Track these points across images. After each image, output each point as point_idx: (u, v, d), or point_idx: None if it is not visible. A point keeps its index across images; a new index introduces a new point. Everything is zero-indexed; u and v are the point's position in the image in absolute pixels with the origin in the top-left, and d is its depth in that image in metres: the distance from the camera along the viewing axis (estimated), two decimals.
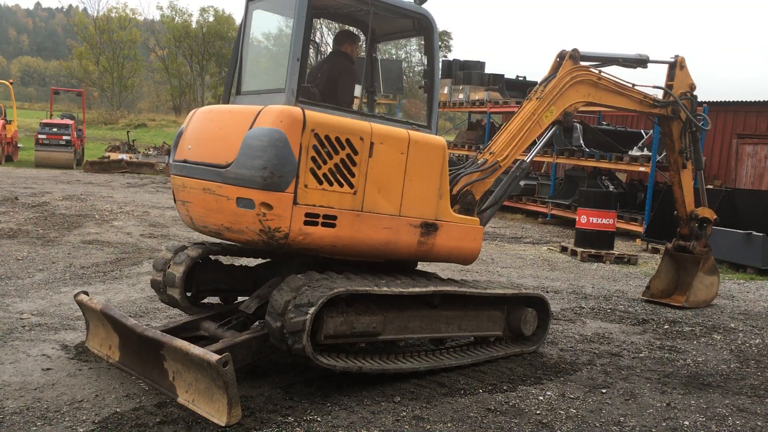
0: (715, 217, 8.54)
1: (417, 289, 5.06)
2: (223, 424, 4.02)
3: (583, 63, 6.92)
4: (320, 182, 4.68)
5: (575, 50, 6.84)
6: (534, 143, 6.84)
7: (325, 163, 4.69)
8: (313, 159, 4.63)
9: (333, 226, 4.76)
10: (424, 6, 5.46)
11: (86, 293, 5.30)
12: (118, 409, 4.27)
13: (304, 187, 4.61)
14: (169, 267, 5.49)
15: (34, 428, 3.96)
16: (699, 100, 8.01)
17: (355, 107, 5.55)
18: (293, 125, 4.55)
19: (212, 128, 5.09)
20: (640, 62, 7.43)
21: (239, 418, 4.08)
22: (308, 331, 4.41)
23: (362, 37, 5.85)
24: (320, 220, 4.70)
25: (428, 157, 5.24)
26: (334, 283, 4.69)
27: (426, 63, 5.78)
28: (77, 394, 4.49)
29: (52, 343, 5.48)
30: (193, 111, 5.58)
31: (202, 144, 5.11)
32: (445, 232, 5.44)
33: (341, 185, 4.79)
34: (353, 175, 4.83)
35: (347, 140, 4.78)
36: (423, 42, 5.88)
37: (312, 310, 4.41)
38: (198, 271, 5.59)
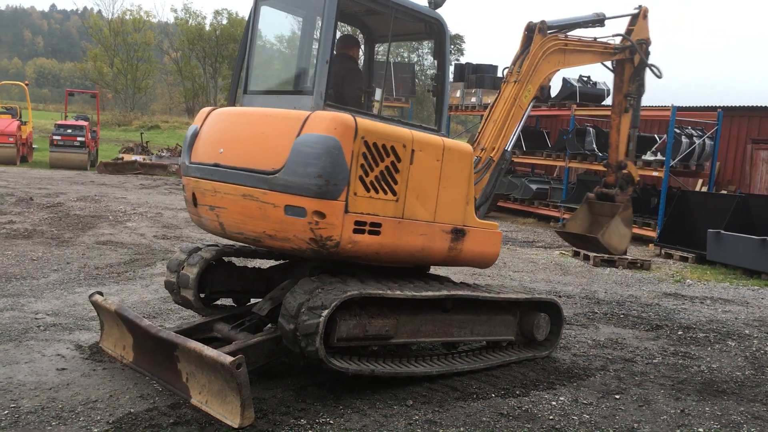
0: (638, 179, 8.48)
1: (430, 293, 5.06)
2: (237, 426, 4.03)
3: (549, 32, 6.85)
4: (367, 190, 4.67)
5: (543, 22, 6.72)
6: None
7: (372, 170, 4.69)
8: (362, 166, 4.62)
9: (378, 233, 4.77)
10: (437, 11, 5.47)
11: (101, 294, 5.33)
12: (132, 410, 4.29)
13: (354, 195, 4.59)
14: (183, 268, 5.53)
15: (49, 428, 3.99)
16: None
17: (375, 111, 5.54)
18: (347, 132, 4.52)
19: (249, 132, 4.94)
20: (599, 21, 7.46)
21: (252, 420, 4.09)
22: (321, 333, 4.41)
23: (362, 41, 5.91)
24: (367, 227, 4.71)
25: (459, 164, 5.32)
26: (347, 286, 4.69)
27: (437, 67, 5.79)
28: (92, 394, 4.52)
29: (66, 343, 5.52)
30: (206, 111, 5.47)
31: (239, 148, 4.93)
32: (471, 237, 5.50)
33: (385, 192, 4.80)
34: (396, 183, 4.85)
35: (392, 147, 4.80)
36: (433, 46, 5.88)
37: (325, 312, 4.42)
38: (211, 273, 5.62)
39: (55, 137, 23.87)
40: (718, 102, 17.23)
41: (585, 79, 19.27)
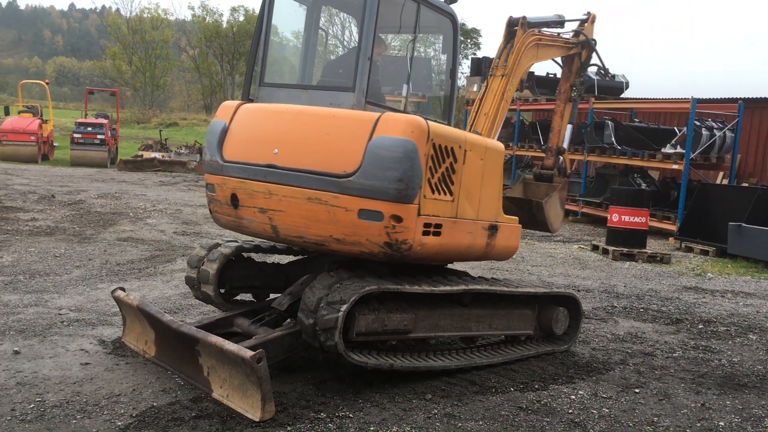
0: (570, 170, 8.54)
1: (448, 288, 5.07)
2: (257, 419, 4.08)
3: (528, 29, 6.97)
4: (432, 192, 4.71)
5: (524, 18, 6.81)
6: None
7: (435, 172, 4.72)
8: (430, 169, 4.64)
9: (439, 234, 4.81)
10: (451, 6, 5.50)
11: (123, 289, 5.40)
12: (154, 403, 4.35)
13: (423, 197, 4.61)
14: (203, 264, 5.58)
15: (74, 421, 4.06)
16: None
17: (401, 107, 5.55)
18: (422, 135, 4.53)
19: (310, 132, 4.76)
20: (561, 22, 7.64)
21: (273, 413, 4.14)
22: (340, 328, 4.44)
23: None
24: (432, 229, 4.74)
25: (496, 162, 5.42)
26: (365, 281, 4.71)
27: (447, 61, 5.80)
28: (115, 388, 4.59)
29: (90, 338, 5.60)
30: (232, 106, 5.27)
31: (300, 149, 4.75)
32: (501, 232, 5.59)
33: (444, 193, 4.84)
34: (452, 183, 4.90)
35: (451, 149, 4.85)
36: (443, 40, 5.88)
37: (344, 307, 4.44)
38: (231, 269, 5.67)
39: (76, 135, 24.15)
40: (739, 93, 17.02)
41: (603, 72, 19.12)
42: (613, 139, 16.66)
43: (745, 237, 11.95)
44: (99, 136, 24.18)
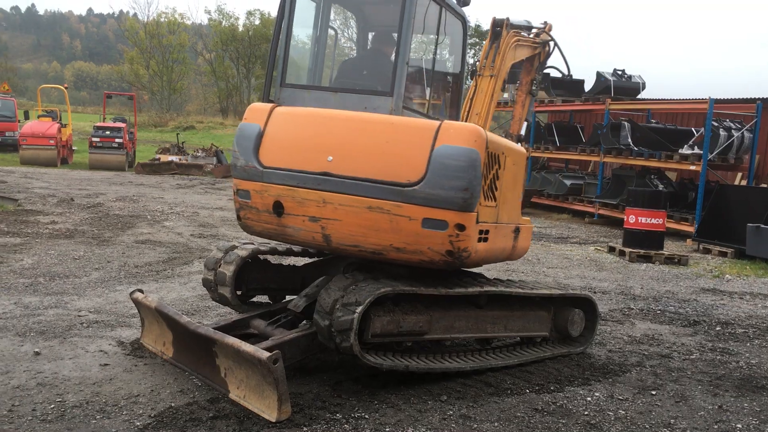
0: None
1: (463, 290, 5.08)
2: (273, 420, 4.12)
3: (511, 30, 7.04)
4: (484, 198, 4.80)
5: (508, 19, 6.87)
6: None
7: (487, 179, 4.80)
8: (483, 176, 4.71)
9: (486, 240, 4.87)
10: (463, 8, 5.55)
11: (141, 291, 5.47)
12: (172, 404, 4.40)
13: (479, 204, 4.68)
14: (220, 266, 5.63)
15: (94, 421, 4.12)
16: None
17: (425, 110, 5.55)
18: (483, 144, 4.59)
19: (368, 140, 4.68)
20: (530, 27, 7.71)
21: (289, 414, 4.17)
22: (356, 329, 4.47)
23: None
24: (482, 235, 4.81)
25: (522, 166, 5.55)
26: (380, 283, 4.74)
27: (455, 63, 5.82)
28: (134, 388, 4.64)
29: (109, 339, 5.67)
30: (265, 109, 5.07)
31: (358, 157, 4.66)
32: (521, 234, 5.69)
33: (490, 200, 4.92)
34: (497, 189, 4.98)
35: (497, 156, 4.95)
36: (451, 41, 5.90)
37: (359, 309, 4.47)
38: (247, 271, 5.72)
39: (94, 139, 24.41)
40: (757, 93, 16.86)
41: (620, 72, 19.06)
42: (629, 140, 16.57)
43: (763, 238, 11.84)
44: (117, 140, 24.42)
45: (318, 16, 5.65)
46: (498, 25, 6.79)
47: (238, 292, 5.68)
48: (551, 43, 7.52)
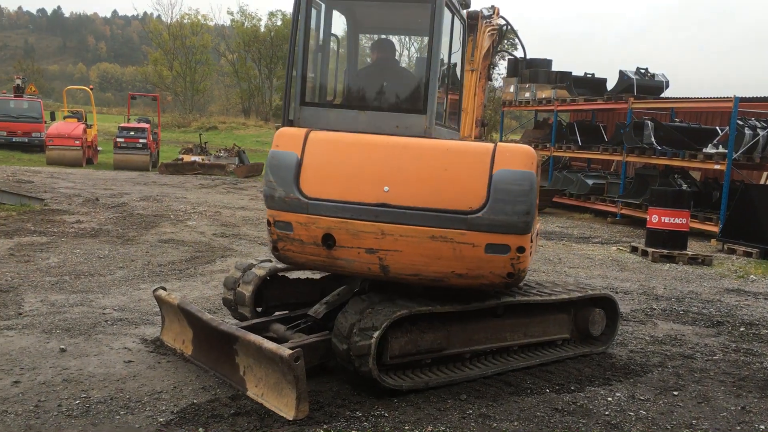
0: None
1: (479, 304, 5.07)
2: (291, 419, 4.15)
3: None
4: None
5: (482, 10, 6.64)
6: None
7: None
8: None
9: (530, 254, 4.85)
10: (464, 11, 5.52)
11: (164, 289, 5.54)
12: (195, 401, 4.46)
13: None
14: (238, 286, 5.69)
15: (118, 417, 4.19)
16: None
17: (443, 121, 5.50)
18: (536, 165, 4.64)
19: (423, 168, 4.58)
20: (490, 16, 7.60)
21: (306, 413, 4.20)
22: (373, 354, 4.49)
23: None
24: (532, 250, 4.85)
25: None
26: (396, 304, 4.73)
27: (459, 65, 5.77)
28: (157, 385, 4.71)
29: (132, 337, 5.76)
30: (298, 135, 4.79)
31: (417, 186, 4.57)
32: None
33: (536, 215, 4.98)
34: (536, 202, 5.03)
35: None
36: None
37: (376, 334, 4.49)
38: (266, 288, 5.77)
39: (119, 140, 24.68)
40: None
41: (643, 70, 18.89)
42: (653, 139, 16.41)
43: None
44: (141, 141, 24.67)
45: (324, 24, 5.54)
46: (473, 18, 6.54)
47: (258, 310, 5.74)
48: (504, 27, 7.21)
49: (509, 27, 7.37)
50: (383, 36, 6.01)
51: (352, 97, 5.44)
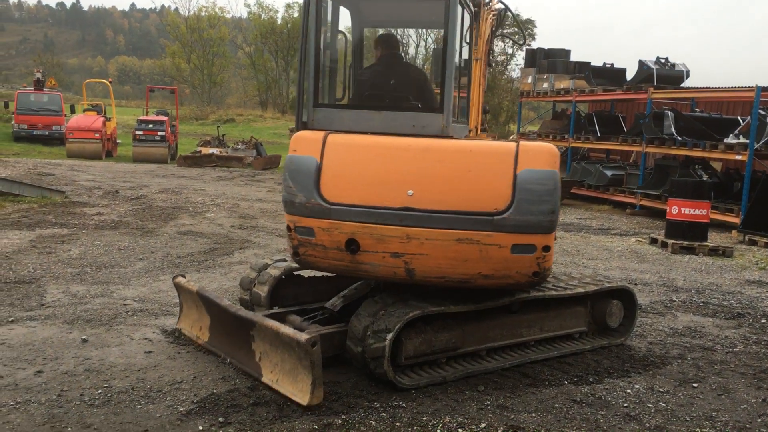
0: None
1: (492, 302, 5.06)
2: (305, 404, 4.15)
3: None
4: None
5: None
6: None
7: None
8: None
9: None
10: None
11: (183, 276, 5.60)
12: (214, 391, 4.50)
13: None
14: (254, 286, 5.72)
15: (139, 406, 4.24)
16: None
17: (455, 116, 5.46)
18: (558, 162, 4.66)
19: (446, 170, 4.55)
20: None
21: (321, 399, 4.20)
22: (388, 356, 4.50)
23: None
24: (552, 249, 4.85)
25: None
26: (409, 305, 4.72)
27: (467, 53, 5.69)
28: (177, 375, 4.76)
29: (153, 327, 5.82)
30: (316, 139, 4.70)
31: (440, 189, 4.54)
32: None
33: None
34: None
35: None
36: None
37: (390, 335, 4.50)
38: (282, 288, 5.80)
39: (138, 132, 24.86)
40: None
41: (663, 60, 18.69)
42: (672, 129, 16.24)
43: None
44: (160, 133, 24.83)
45: (332, 21, 5.46)
46: (477, 5, 6.37)
47: (275, 309, 5.77)
48: (502, 12, 7.01)
49: (508, 11, 7.23)
50: (387, 30, 5.94)
51: (366, 97, 5.36)
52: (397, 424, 4.15)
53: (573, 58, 22.16)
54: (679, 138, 15.91)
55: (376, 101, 5.24)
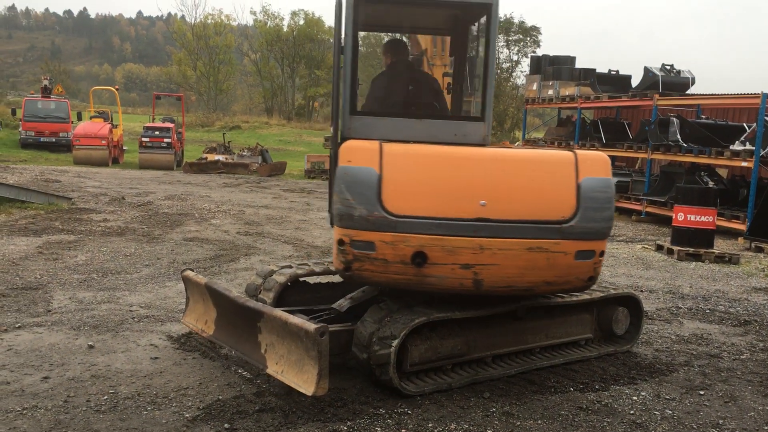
0: None
1: (498, 309, 5.06)
2: (310, 394, 4.10)
3: None
4: None
5: None
6: None
7: None
8: None
9: None
10: None
11: (192, 270, 5.60)
12: (220, 397, 4.51)
13: None
14: (260, 293, 5.73)
15: (145, 412, 4.25)
16: None
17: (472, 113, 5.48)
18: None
19: (514, 179, 4.61)
20: None
21: (326, 390, 4.15)
22: (393, 363, 4.51)
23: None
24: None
25: None
26: (414, 312, 4.73)
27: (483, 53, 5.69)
28: (183, 381, 4.77)
29: (159, 333, 5.83)
30: (372, 149, 4.55)
31: (511, 199, 4.59)
32: None
33: None
34: None
35: None
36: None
37: (395, 342, 4.50)
38: (288, 295, 5.78)
39: (144, 139, 24.97)
40: None
41: (668, 67, 18.68)
42: (678, 136, 16.23)
43: None
44: (166, 140, 24.94)
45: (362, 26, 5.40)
46: None
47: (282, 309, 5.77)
48: None
49: None
50: (393, 36, 5.93)
51: (404, 105, 5.34)
52: (403, 430, 4.15)
53: (578, 64, 22.17)
54: (685, 145, 15.90)
55: (418, 110, 5.23)
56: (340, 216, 4.51)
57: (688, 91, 18.55)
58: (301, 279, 5.94)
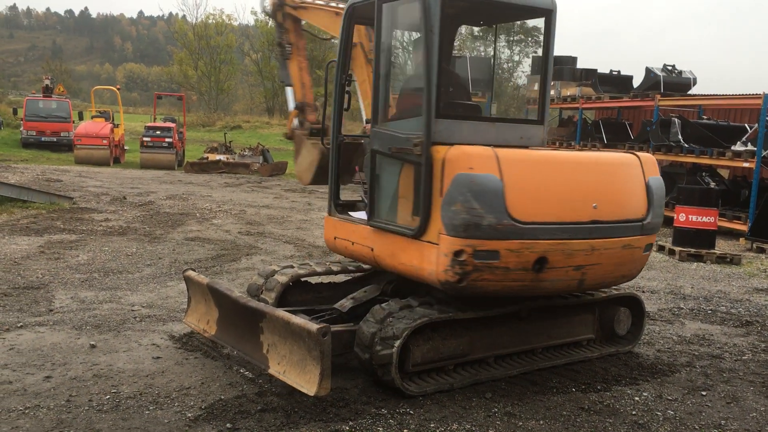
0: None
1: (500, 310, 5.06)
2: (312, 394, 4.11)
3: None
4: None
5: None
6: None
7: None
8: None
9: None
10: None
11: (193, 269, 5.61)
12: (222, 397, 4.51)
13: None
14: (261, 293, 5.74)
15: (147, 412, 4.25)
16: None
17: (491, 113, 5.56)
18: None
19: (613, 182, 4.99)
20: None
21: (328, 391, 4.16)
22: (395, 363, 4.51)
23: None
24: None
25: None
26: (416, 312, 4.73)
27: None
28: (185, 381, 4.77)
29: (160, 333, 5.83)
30: (489, 156, 4.43)
31: (613, 200, 4.93)
32: None
33: None
34: None
35: None
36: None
37: (397, 343, 4.50)
38: (290, 295, 5.79)
39: (145, 139, 24.95)
40: None
41: (670, 67, 18.68)
42: (679, 136, 16.21)
43: None
44: (167, 140, 24.92)
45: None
46: None
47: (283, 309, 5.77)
48: None
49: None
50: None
51: (473, 108, 5.51)
52: (405, 430, 4.15)
53: (579, 65, 22.15)
54: (686, 145, 15.88)
55: (491, 113, 5.48)
56: (466, 226, 4.34)
57: (689, 92, 18.55)
58: (303, 279, 5.94)
